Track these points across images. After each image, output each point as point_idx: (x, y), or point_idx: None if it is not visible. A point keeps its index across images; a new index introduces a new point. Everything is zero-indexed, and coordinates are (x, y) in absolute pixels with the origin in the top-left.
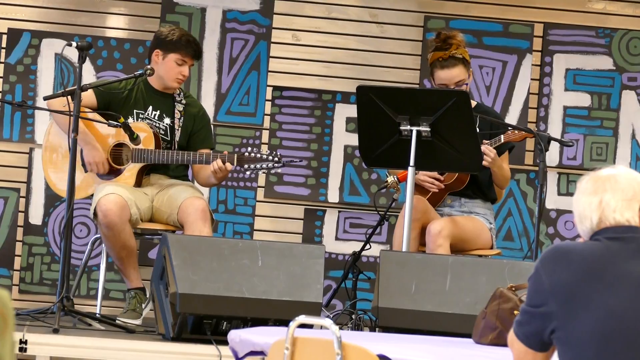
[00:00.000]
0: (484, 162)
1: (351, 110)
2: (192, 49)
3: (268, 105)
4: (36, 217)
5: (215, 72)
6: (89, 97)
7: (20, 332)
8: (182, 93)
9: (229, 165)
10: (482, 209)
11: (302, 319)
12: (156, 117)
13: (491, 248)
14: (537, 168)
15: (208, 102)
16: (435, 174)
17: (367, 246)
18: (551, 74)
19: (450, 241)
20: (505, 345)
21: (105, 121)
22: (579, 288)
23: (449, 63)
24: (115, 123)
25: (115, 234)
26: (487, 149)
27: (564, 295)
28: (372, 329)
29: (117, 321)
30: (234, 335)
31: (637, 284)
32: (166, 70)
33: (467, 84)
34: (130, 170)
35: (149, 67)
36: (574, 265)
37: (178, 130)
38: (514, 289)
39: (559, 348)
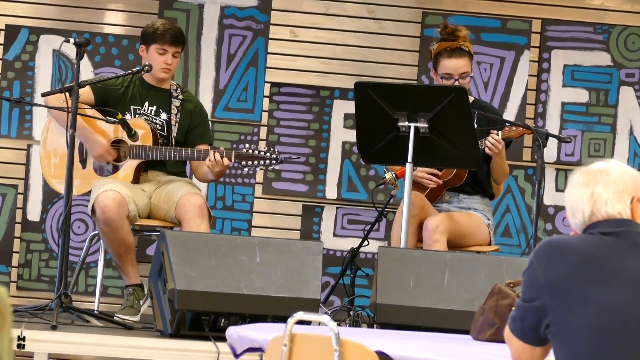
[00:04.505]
0: (488, 151)
1: (349, 107)
2: (168, 36)
3: (266, 101)
4: (34, 213)
5: (213, 69)
6: (86, 93)
7: (19, 329)
8: (179, 89)
9: (226, 160)
10: (480, 205)
11: (300, 315)
12: (152, 113)
13: (489, 244)
14: (535, 164)
15: (206, 99)
16: (433, 170)
17: (365, 242)
18: (549, 70)
19: (448, 237)
20: (503, 341)
21: (103, 117)
22: (574, 283)
23: (457, 53)
24: (114, 119)
25: (113, 230)
26: (498, 140)
27: (558, 289)
28: (370, 326)
29: (115, 318)
30: (232, 331)
31: (632, 279)
32: (151, 62)
33: (471, 77)
34: (128, 166)
35: (146, 63)
36: (568, 259)
37: (175, 126)
38: (512, 285)
39: (554, 343)
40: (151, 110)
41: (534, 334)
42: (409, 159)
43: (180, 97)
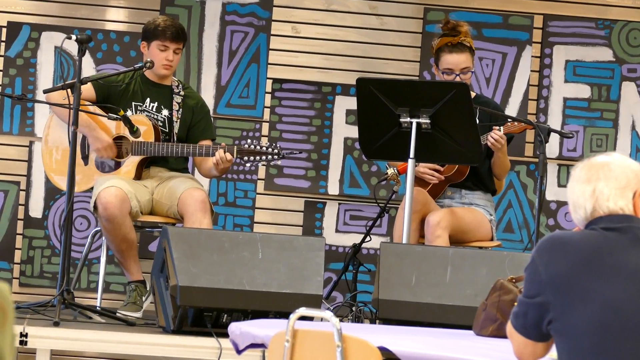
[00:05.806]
0: (490, 146)
1: (351, 103)
2: (169, 32)
3: (268, 97)
4: (36, 210)
5: (215, 65)
6: (87, 90)
7: (21, 325)
8: (180, 85)
9: (228, 155)
10: (482, 200)
11: (303, 311)
12: (154, 109)
13: (491, 240)
14: (537, 160)
15: (208, 95)
16: (435, 165)
17: (368, 238)
18: (551, 65)
19: (450, 232)
20: (505, 337)
21: (105, 114)
22: (576, 279)
23: (458, 49)
24: (115, 116)
25: (115, 226)
26: (500, 136)
27: (560, 285)
28: (373, 321)
29: (117, 314)
30: (235, 327)
31: (634, 275)
32: (152, 59)
33: (472, 72)
34: (130, 163)
35: (148, 60)
36: (570, 255)
37: (177, 122)
38: (514, 280)
39: (556, 339)
40: (152, 106)
41: (536, 329)
42: (411, 154)
43: (182, 93)
